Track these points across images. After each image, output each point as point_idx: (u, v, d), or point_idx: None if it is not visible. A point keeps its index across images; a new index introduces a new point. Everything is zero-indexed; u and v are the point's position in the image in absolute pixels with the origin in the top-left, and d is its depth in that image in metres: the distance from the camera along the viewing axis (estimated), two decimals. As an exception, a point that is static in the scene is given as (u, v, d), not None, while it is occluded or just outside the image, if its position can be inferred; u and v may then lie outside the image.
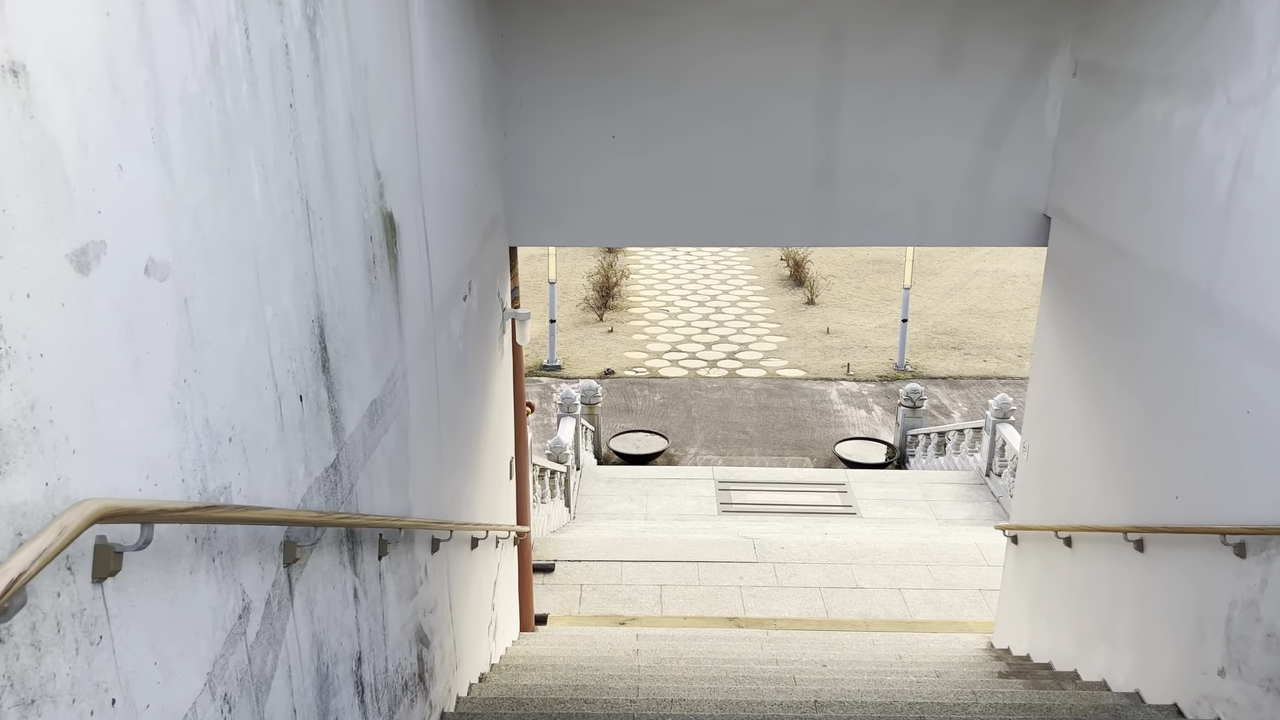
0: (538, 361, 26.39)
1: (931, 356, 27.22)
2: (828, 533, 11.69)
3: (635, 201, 6.52)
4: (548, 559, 9.19)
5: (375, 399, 3.39)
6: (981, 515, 14.80)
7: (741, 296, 33.16)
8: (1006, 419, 15.55)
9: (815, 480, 16.04)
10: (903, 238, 6.59)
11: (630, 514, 14.58)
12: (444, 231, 4.48)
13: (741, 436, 22.08)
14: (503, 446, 6.49)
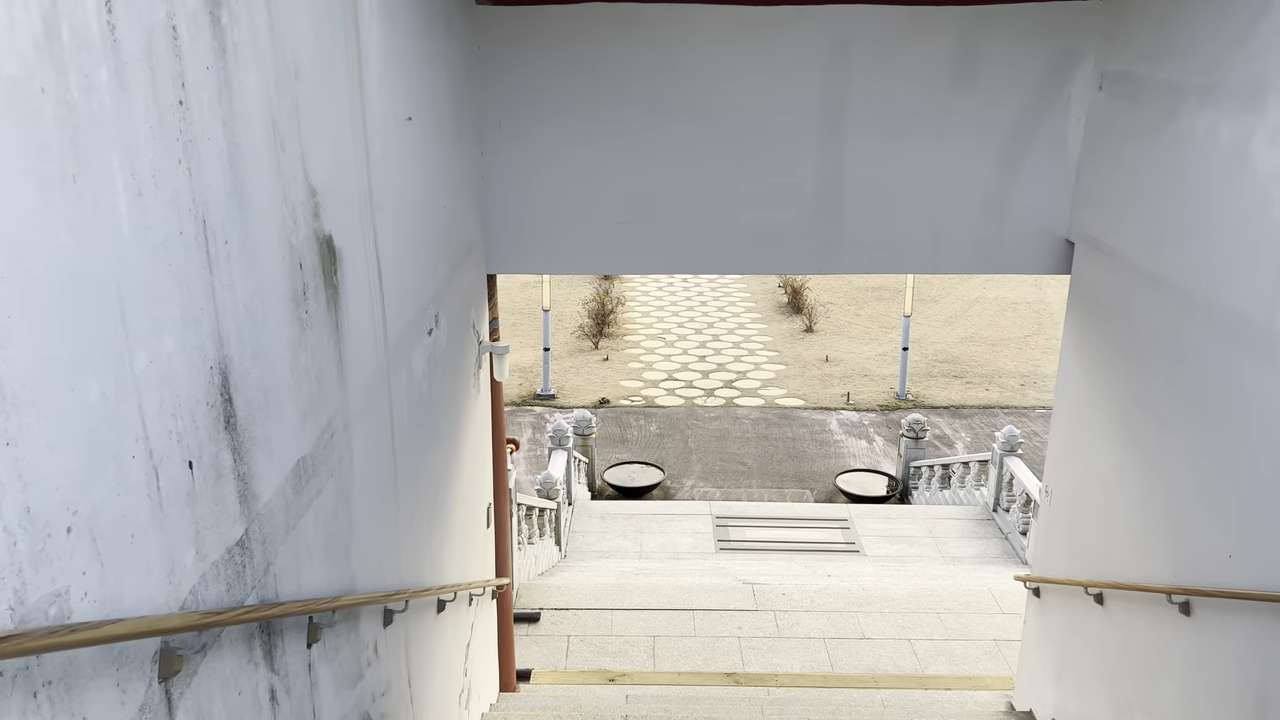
0: (531, 390, 25.86)
1: (933, 385, 26.72)
2: (831, 575, 11.10)
3: (625, 227, 6.02)
4: (533, 607, 8.61)
5: (304, 456, 2.85)
6: (989, 553, 14.22)
7: (739, 324, 32.69)
8: (1014, 452, 15.00)
9: (816, 516, 15.46)
10: (914, 265, 6.09)
11: (624, 552, 13.98)
12: (403, 258, 3.96)
13: (740, 468, 21.51)
14: (479, 493, 5.94)
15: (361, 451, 3.39)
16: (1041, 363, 28.41)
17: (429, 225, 4.47)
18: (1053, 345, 30.21)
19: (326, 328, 3.06)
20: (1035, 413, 24.89)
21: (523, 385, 26.27)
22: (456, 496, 5.17)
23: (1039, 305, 34.56)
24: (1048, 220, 5.99)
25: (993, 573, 12.10)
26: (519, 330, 31.20)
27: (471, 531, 5.67)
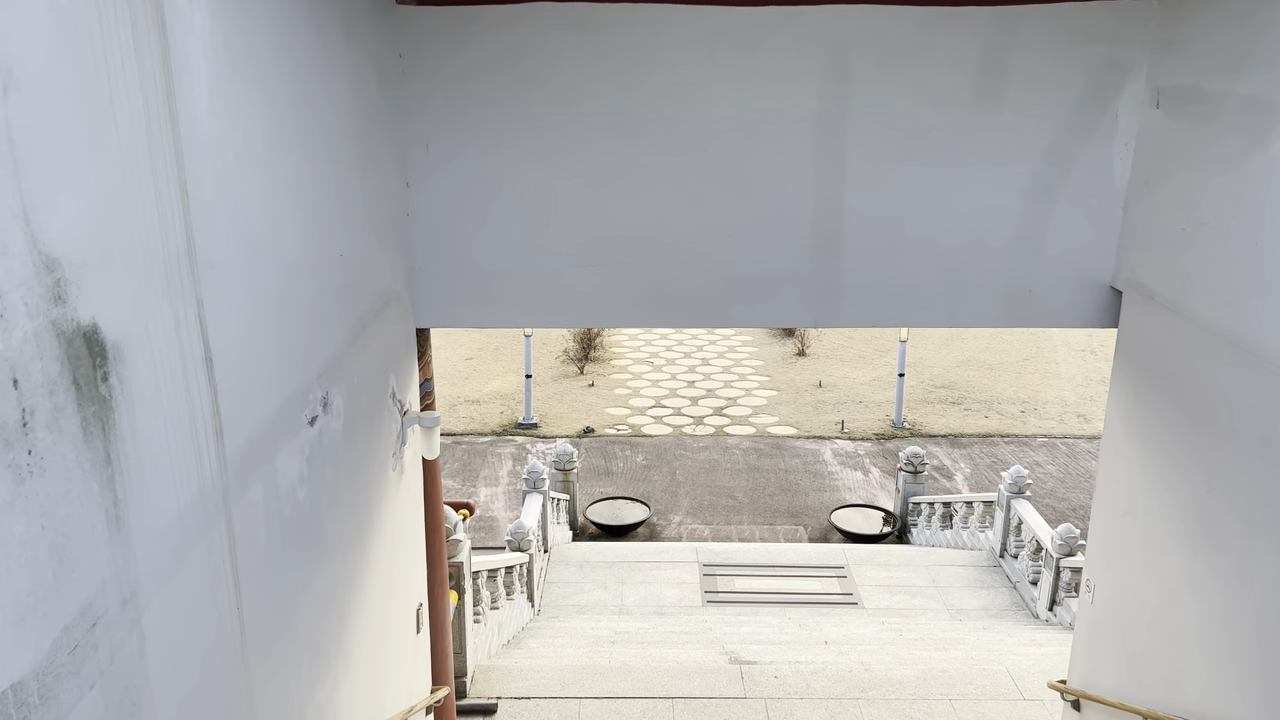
0: (513, 419, 24.80)
1: (930, 412, 25.75)
2: (828, 641, 10.05)
3: (585, 272, 5.01)
4: (489, 697, 7.54)
5: (22, 679, 1.81)
6: (997, 604, 13.19)
7: (729, 347, 31.71)
8: (1022, 494, 14.00)
9: (810, 564, 14.40)
10: (928, 317, 5.09)
11: (603, 606, 12.91)
12: (259, 332, 2.94)
13: (730, 502, 20.46)
14: (405, 595, 4.90)
15: (163, 630, 2.34)
16: (1041, 388, 27.49)
17: (311, 281, 3.44)
18: (1051, 370, 29.34)
19: (81, 468, 2.03)
20: (1036, 441, 23.94)
21: (504, 414, 25.23)
22: (363, 614, 4.12)
23: (1037, 329, 33.65)
24: (1089, 264, 5.00)
25: (1004, 633, 11.07)
26: (501, 356, 30.18)
27: (391, 649, 4.62)
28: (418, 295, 4.99)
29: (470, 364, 29.49)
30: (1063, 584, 12.12)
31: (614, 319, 5.14)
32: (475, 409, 25.68)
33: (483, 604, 8.75)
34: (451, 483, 21.18)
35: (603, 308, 5.07)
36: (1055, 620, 12.12)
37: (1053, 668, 8.21)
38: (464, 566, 7.34)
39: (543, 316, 5.11)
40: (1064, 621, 11.95)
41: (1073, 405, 26.37)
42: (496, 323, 5.11)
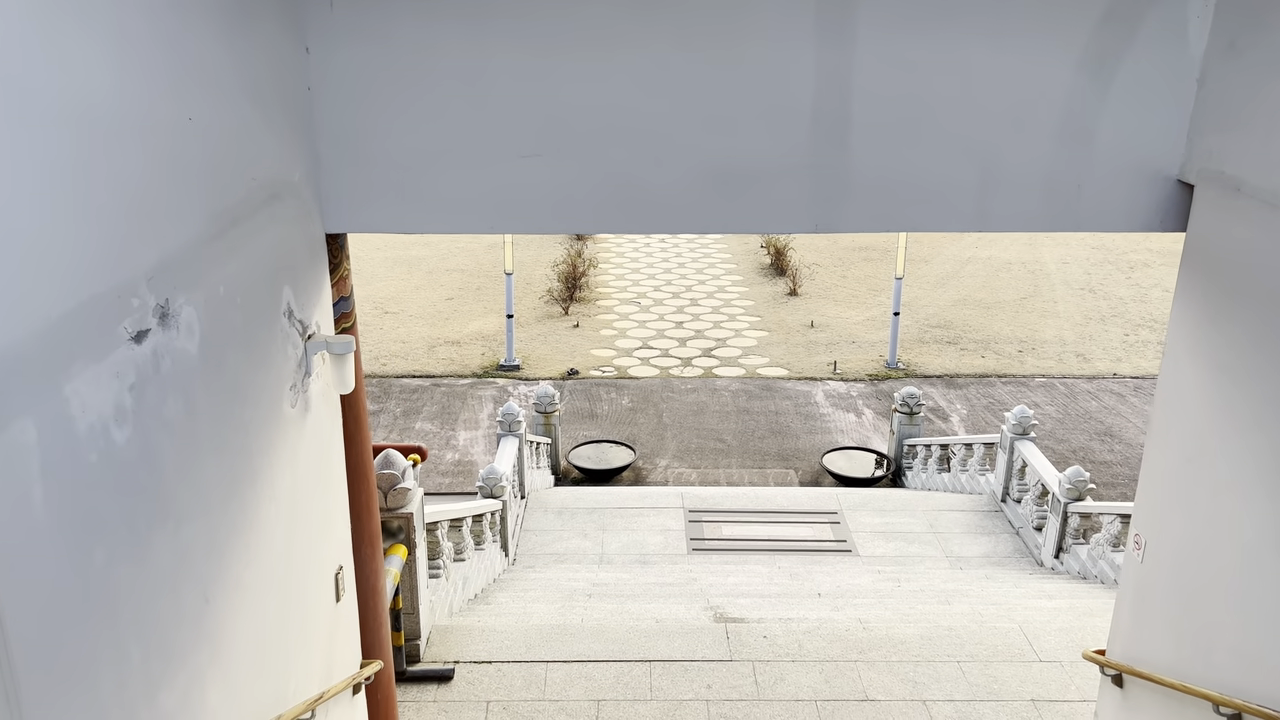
0: (494, 361, 23.91)
1: (925, 352, 24.94)
2: (821, 594, 9.31)
3: (532, 165, 4.06)
4: (446, 661, 6.75)
5: None
6: (999, 551, 12.49)
7: (719, 287, 30.75)
8: (1026, 435, 13.22)
9: (803, 509, 13.66)
10: (953, 219, 4.17)
11: (583, 555, 12.17)
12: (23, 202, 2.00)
13: (718, 445, 19.71)
14: (315, 558, 4.04)
15: None
16: (1039, 327, 26.68)
17: (135, 148, 2.49)
18: (1050, 309, 28.52)
19: None
20: (1035, 381, 23.20)
21: (485, 355, 24.32)
22: (244, 588, 3.26)
23: (1034, 266, 32.79)
24: (1151, 153, 4.08)
25: (1010, 583, 10.36)
26: (483, 295, 29.16)
27: (295, 626, 3.77)
28: (327, 192, 4.04)
29: (451, 304, 28.51)
30: (1070, 530, 11.40)
31: (569, 222, 4.20)
32: (455, 350, 24.77)
33: (443, 557, 7.94)
34: (430, 426, 20.37)
35: (555, 209, 4.14)
36: (1062, 569, 11.42)
37: (1070, 625, 7.47)
38: (414, 518, 6.49)
39: (481, 220, 4.17)
40: (1071, 570, 11.26)
41: (1071, 345, 25.61)
42: (424, 226, 4.17)
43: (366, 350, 24.31)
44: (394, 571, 6.17)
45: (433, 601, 7.31)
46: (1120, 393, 22.56)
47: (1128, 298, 29.52)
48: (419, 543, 6.66)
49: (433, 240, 35.77)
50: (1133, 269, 32.53)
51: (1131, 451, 19.55)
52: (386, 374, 23.16)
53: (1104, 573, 10.49)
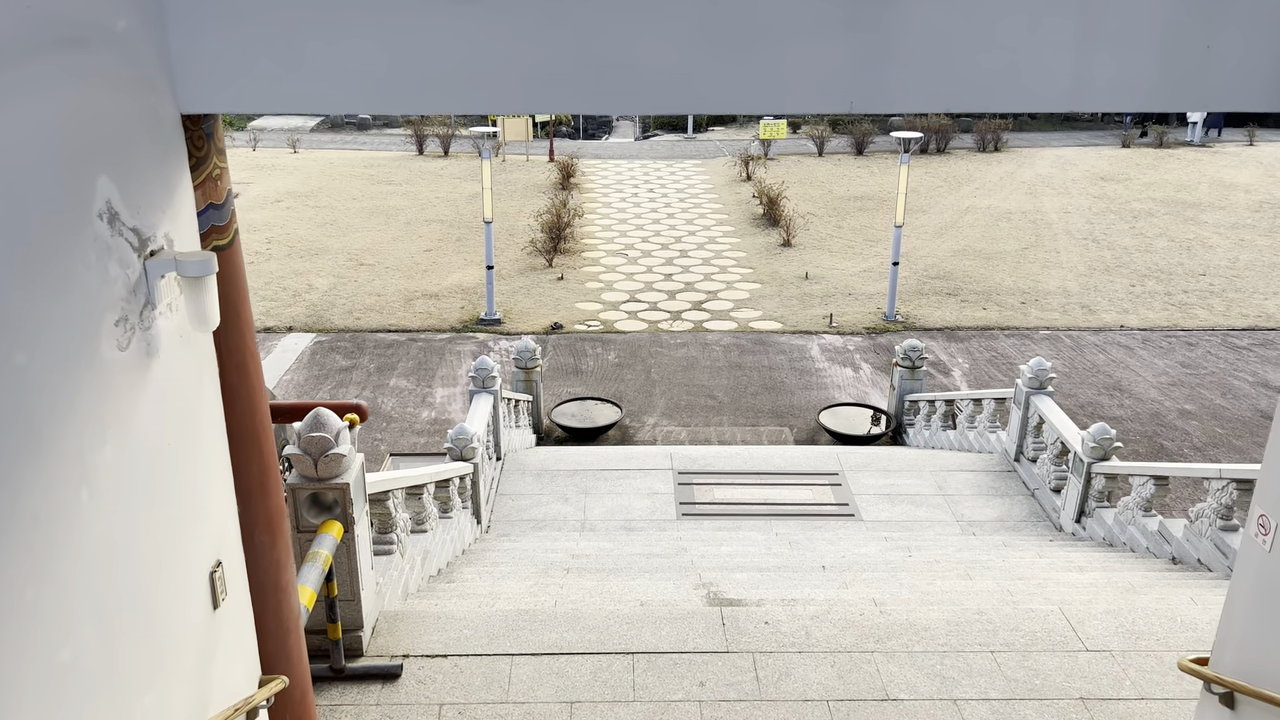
0: (474, 315, 22.77)
1: (924, 304, 23.92)
2: (825, 566, 8.35)
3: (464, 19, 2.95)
4: (393, 655, 5.75)
5: None
6: (1014, 515, 11.56)
7: (710, 238, 29.57)
8: (1043, 389, 12.23)
9: (800, 470, 12.69)
10: (1040, 93, 3.07)
11: (563, 521, 11.19)
12: None
13: (709, 402, 18.72)
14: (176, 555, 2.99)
15: None
16: (1042, 278, 25.66)
17: None
18: (1052, 259, 27.49)
19: None
20: (1039, 334, 22.24)
21: (465, 309, 23.18)
22: (32, 611, 2.19)
23: (1035, 215, 31.69)
24: (1308, 1, 2.99)
25: (1032, 552, 9.41)
26: (464, 247, 27.91)
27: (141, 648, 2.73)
28: (180, 56, 2.92)
29: (429, 256, 27.28)
30: (1094, 493, 10.46)
31: (514, 100, 3.09)
32: (433, 304, 23.62)
33: (396, 530, 6.91)
34: (405, 383, 19.30)
35: (495, 80, 3.02)
36: (1085, 535, 10.50)
37: (1116, 606, 6.52)
38: (350, 490, 5.44)
39: (399, 96, 3.05)
40: (1095, 536, 10.33)
41: (1076, 296, 24.62)
42: (320, 104, 3.05)
43: (340, 303, 23.15)
44: (324, 554, 5.13)
45: (380, 584, 6.29)
46: (1128, 345, 21.63)
47: (1132, 248, 28.51)
48: (358, 518, 5.62)
49: (412, 190, 34.40)
50: (1136, 218, 31.49)
51: (1142, 406, 18.66)
52: (361, 328, 22.03)
53: (1134, 539, 9.56)
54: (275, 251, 27.11)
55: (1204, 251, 28.15)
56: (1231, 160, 40.44)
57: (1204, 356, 21.06)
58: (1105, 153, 41.69)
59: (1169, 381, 19.77)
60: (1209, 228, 30.52)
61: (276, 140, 41.96)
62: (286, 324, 22.15)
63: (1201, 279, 25.87)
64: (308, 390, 18.96)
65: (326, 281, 24.86)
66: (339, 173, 36.76)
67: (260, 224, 29.68)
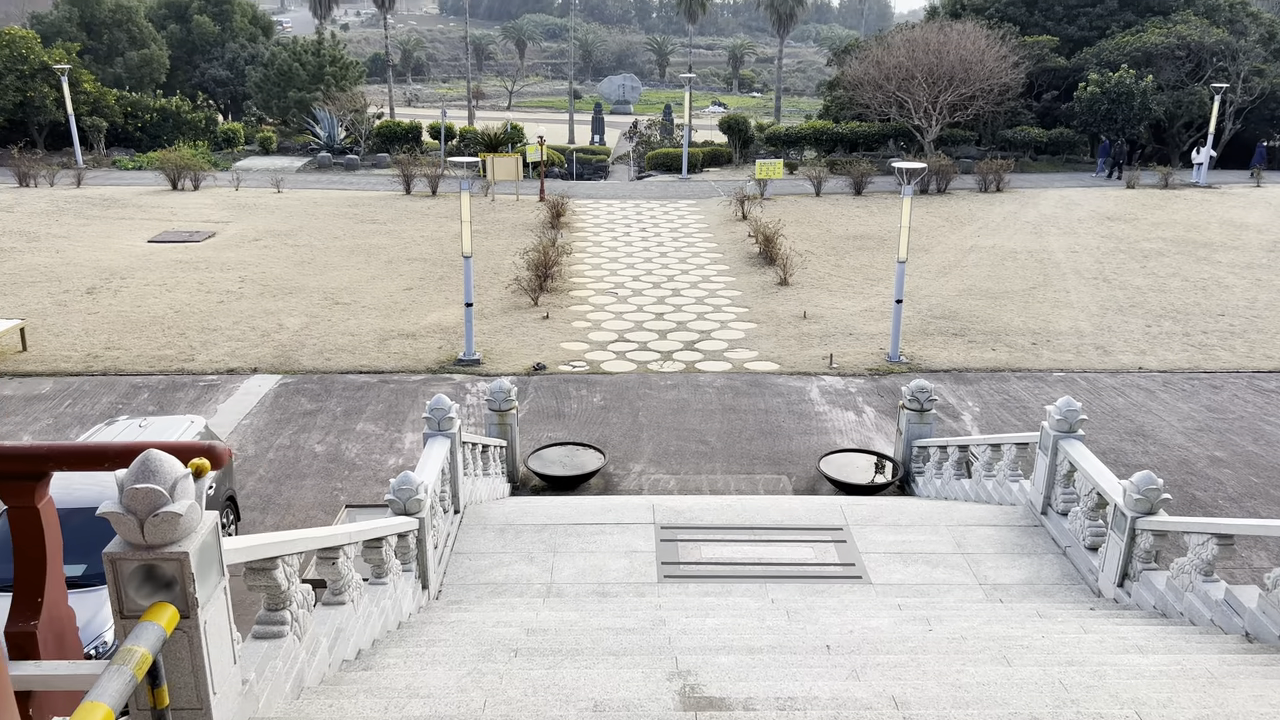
0: (452, 355, 21.40)
1: (930, 345, 22.59)
2: (830, 645, 6.87)
3: None
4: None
5: None
6: (1044, 577, 10.10)
7: (704, 276, 28.32)
8: (1073, 432, 10.83)
9: (800, 524, 11.23)
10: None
11: (526, 585, 9.71)
12: None
13: (700, 448, 17.28)
14: None
15: None
16: (1052, 318, 24.37)
17: None
18: (1062, 299, 26.22)
19: None
20: (1053, 376, 20.87)
21: (443, 349, 21.82)
22: None
23: (1041, 254, 30.51)
24: None
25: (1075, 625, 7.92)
26: (445, 285, 26.62)
27: None
28: None
29: (409, 295, 26.01)
30: (1140, 552, 9.01)
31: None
32: (409, 344, 22.27)
33: (290, 607, 5.47)
34: (373, 428, 17.87)
35: None
36: (1131, 601, 9.02)
37: (1208, 711, 5.05)
38: (189, 562, 4.02)
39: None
40: (1144, 603, 8.85)
41: (1089, 336, 23.30)
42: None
43: (310, 343, 21.80)
44: (140, 652, 3.70)
45: (253, 681, 4.82)
46: (1148, 388, 20.25)
47: (1145, 287, 27.26)
48: (207, 598, 4.18)
49: (396, 228, 33.23)
50: (1147, 258, 30.31)
51: (1169, 453, 17.23)
52: (330, 370, 20.65)
53: (1194, 609, 8.09)
54: (247, 290, 25.84)
55: (1220, 291, 26.92)
56: (1240, 201, 39.44)
57: (1231, 400, 19.68)
58: (1110, 193, 40.72)
59: (1195, 426, 18.36)
60: (1223, 267, 29.33)
61: (260, 180, 40.97)
62: (252, 365, 20.78)
63: (1220, 319, 24.59)
64: (265, 436, 17.53)
65: (298, 321, 23.53)
66: (322, 212, 35.67)
67: (234, 263, 28.46)
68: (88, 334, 22.29)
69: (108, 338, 22.07)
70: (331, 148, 46.98)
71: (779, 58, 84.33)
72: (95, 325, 22.88)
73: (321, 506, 15.16)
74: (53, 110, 44.04)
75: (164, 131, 47.13)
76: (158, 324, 23.09)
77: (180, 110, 48.03)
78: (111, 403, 18.85)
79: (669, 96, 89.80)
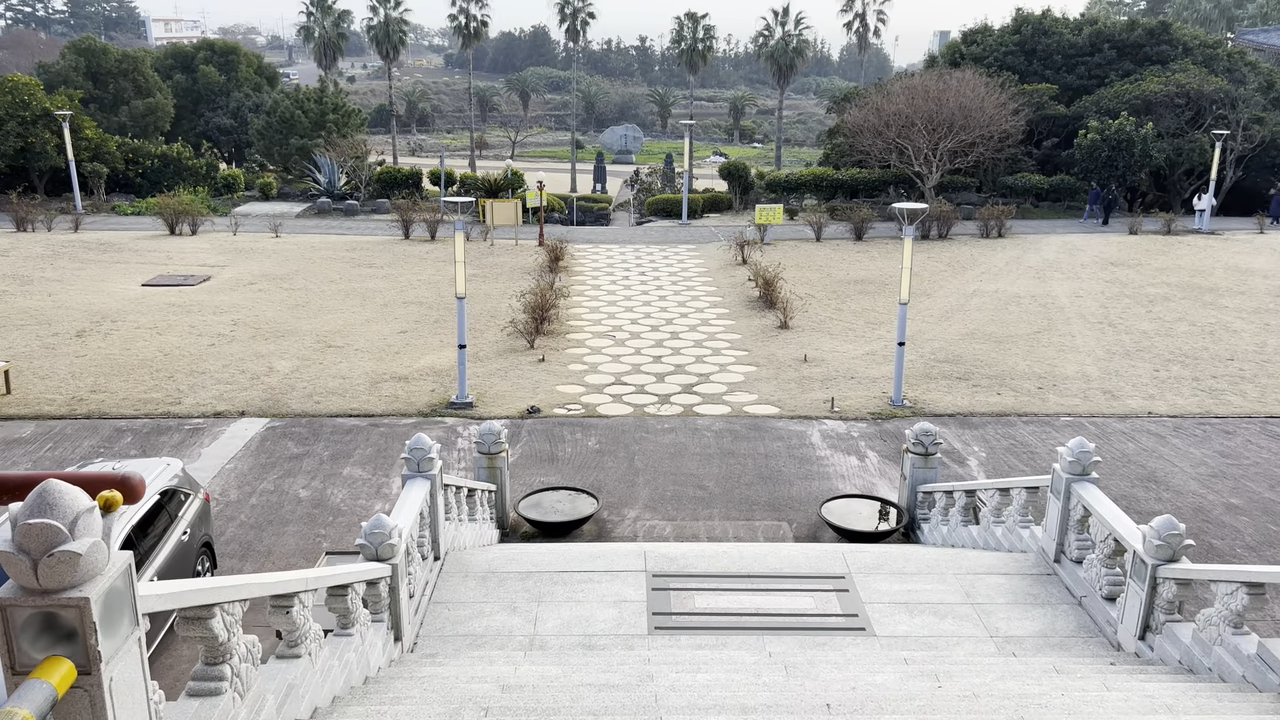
0: (444, 398, 20.91)
1: (933, 389, 22.08)
2: (831, 705, 6.29)
3: None
4: None
5: None
6: (1059, 629, 9.48)
7: (703, 320, 27.93)
8: (1086, 475, 10.29)
9: (799, 573, 10.64)
10: None
11: (508, 636, 9.11)
12: None
13: (698, 493, 16.71)
14: None
15: None
16: (1058, 362, 23.88)
17: None
18: (1068, 343, 25.76)
19: None
20: (1060, 420, 20.33)
21: (435, 393, 21.34)
22: None
23: (1045, 299, 30.12)
24: None
25: (1097, 683, 7.32)
26: (441, 328, 26.24)
27: None
28: None
29: (403, 337, 25.60)
30: (1162, 602, 8.42)
31: None
32: (402, 387, 21.80)
33: (232, 660, 4.93)
34: (360, 472, 17.33)
35: None
36: (1154, 655, 8.41)
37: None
38: (90, 609, 3.50)
39: None
40: (1168, 658, 8.24)
41: (1096, 381, 22.79)
42: None
43: (301, 386, 21.33)
44: (21, 714, 3.17)
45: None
46: (1159, 434, 19.69)
47: (1151, 332, 26.81)
48: (111, 655, 3.65)
49: (393, 272, 32.96)
50: (1152, 303, 29.90)
51: (1183, 500, 16.63)
52: (319, 413, 20.15)
53: (1223, 665, 7.49)
54: (239, 334, 25.44)
55: (1229, 336, 26.45)
56: (1244, 247, 39.17)
57: (1244, 446, 19.11)
58: (1112, 239, 40.48)
59: (1209, 473, 17.78)
60: (1230, 312, 28.91)
61: (259, 225, 40.86)
62: (239, 408, 20.29)
63: (1230, 364, 24.09)
64: (249, 481, 16.98)
65: (289, 364, 23.09)
66: (319, 256, 35.45)
67: (228, 306, 28.11)
68: (74, 377, 21.85)
69: (94, 381, 21.62)
70: (331, 193, 47.01)
71: (779, 109, 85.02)
72: (82, 368, 22.45)
73: (303, 553, 14.57)
74: (54, 156, 44.15)
75: (165, 177, 47.22)
76: (146, 367, 22.66)
77: (181, 156, 48.17)
78: (93, 446, 18.34)
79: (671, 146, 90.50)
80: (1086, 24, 53.07)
